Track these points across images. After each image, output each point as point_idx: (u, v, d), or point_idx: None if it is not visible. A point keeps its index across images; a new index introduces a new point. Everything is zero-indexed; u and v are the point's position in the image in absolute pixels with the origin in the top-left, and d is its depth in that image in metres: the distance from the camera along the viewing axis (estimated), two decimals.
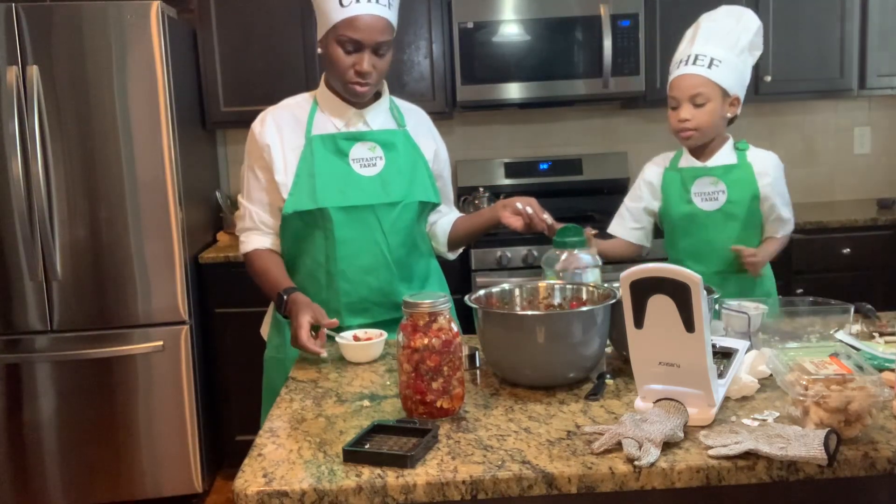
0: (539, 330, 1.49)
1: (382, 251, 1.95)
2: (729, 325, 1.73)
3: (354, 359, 1.77)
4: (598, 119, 4.03)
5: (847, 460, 1.19)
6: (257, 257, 2.00)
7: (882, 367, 1.47)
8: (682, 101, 2.17)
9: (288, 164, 1.94)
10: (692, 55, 2.17)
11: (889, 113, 4.09)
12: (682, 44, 2.26)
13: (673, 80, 2.21)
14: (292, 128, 1.97)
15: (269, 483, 1.18)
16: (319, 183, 1.91)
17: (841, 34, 3.63)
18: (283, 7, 3.51)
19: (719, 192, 2.21)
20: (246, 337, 3.29)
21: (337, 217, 1.91)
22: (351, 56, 1.87)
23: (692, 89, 2.15)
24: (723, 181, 2.21)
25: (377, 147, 1.96)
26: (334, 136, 1.95)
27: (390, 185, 1.95)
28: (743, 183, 2.21)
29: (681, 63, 2.19)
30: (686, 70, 2.17)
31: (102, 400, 3.12)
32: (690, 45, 2.20)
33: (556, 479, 1.17)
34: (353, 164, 1.95)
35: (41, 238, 3.02)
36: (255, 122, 2.00)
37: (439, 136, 2.15)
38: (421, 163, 2.02)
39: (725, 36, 2.17)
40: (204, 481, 3.23)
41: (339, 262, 1.92)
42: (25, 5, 2.95)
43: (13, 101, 2.93)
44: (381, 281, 1.97)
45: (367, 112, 1.98)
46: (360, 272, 1.94)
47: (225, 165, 3.98)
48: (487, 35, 3.48)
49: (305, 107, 2.00)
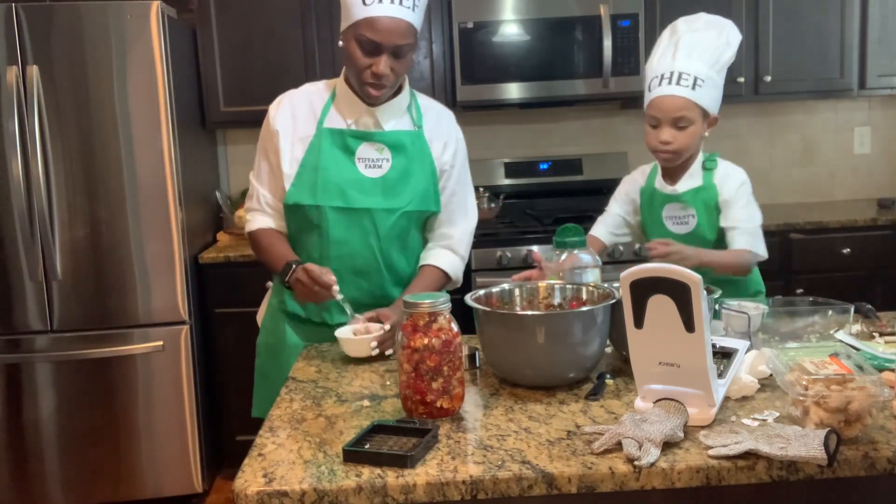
0: (539, 330, 1.49)
1: (375, 255, 1.94)
2: (729, 325, 1.73)
3: (354, 353, 1.77)
4: (597, 119, 4.03)
5: (847, 460, 1.19)
6: (262, 235, 2.00)
7: (882, 367, 1.47)
8: (664, 122, 2.08)
9: (295, 153, 1.92)
10: (675, 73, 2.06)
11: (889, 113, 4.09)
12: (658, 52, 2.14)
13: (655, 99, 2.09)
14: (306, 116, 1.94)
15: (269, 483, 1.18)
16: (321, 179, 1.89)
17: (841, 34, 3.63)
18: (283, 7, 3.51)
19: (689, 216, 2.15)
20: (246, 337, 3.30)
21: (333, 217, 1.90)
22: (369, 56, 1.82)
23: (676, 111, 2.06)
24: (692, 206, 2.15)
25: (385, 148, 1.93)
26: (343, 132, 1.92)
27: (392, 191, 1.92)
28: (709, 205, 2.14)
29: (663, 80, 2.08)
30: (670, 91, 2.06)
31: (102, 400, 3.12)
32: (672, 59, 2.08)
33: (556, 479, 1.17)
34: (359, 164, 1.92)
35: (41, 238, 3.02)
36: (272, 105, 1.98)
37: (460, 139, 2.04)
38: (428, 168, 1.97)
39: (708, 51, 2.07)
40: (204, 481, 3.23)
41: (331, 262, 1.91)
42: (25, 5, 2.95)
43: (13, 101, 2.93)
44: (373, 284, 1.96)
45: (380, 110, 1.93)
46: (352, 273, 1.93)
47: (225, 165, 3.98)
48: (487, 35, 3.48)
49: (324, 96, 1.97)
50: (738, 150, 3.93)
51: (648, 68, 2.17)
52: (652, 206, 2.23)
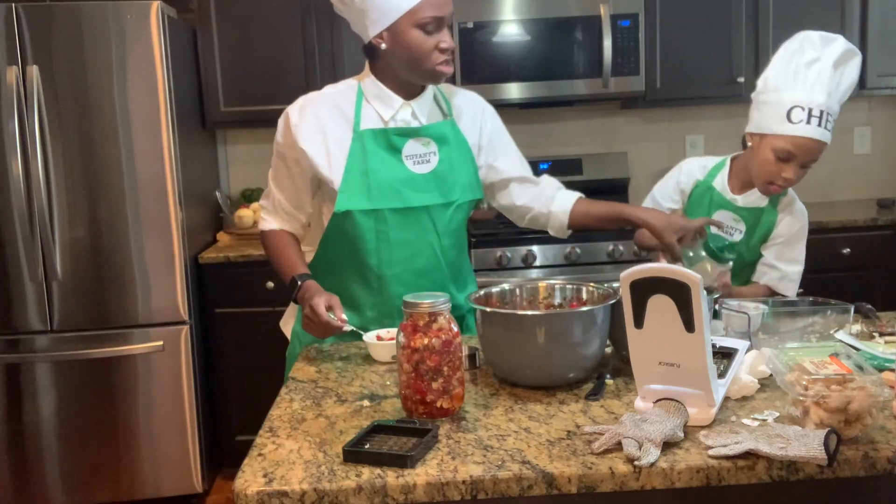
0: (539, 330, 1.49)
1: (436, 253, 1.91)
2: (729, 325, 1.72)
3: (381, 357, 1.76)
4: (598, 119, 4.03)
5: (847, 460, 1.19)
6: (274, 236, 1.96)
7: (882, 367, 1.47)
8: (797, 161, 1.95)
9: (333, 159, 1.85)
10: (825, 113, 1.92)
11: (889, 113, 4.09)
12: (790, 71, 1.96)
13: (799, 138, 1.92)
14: (336, 120, 1.87)
15: (269, 483, 1.18)
16: (374, 182, 1.84)
17: (841, 34, 3.62)
18: (283, 7, 3.51)
19: (737, 230, 2.10)
20: (246, 337, 3.32)
21: (392, 219, 1.85)
22: (433, 36, 1.78)
23: (815, 154, 1.95)
24: (745, 222, 2.09)
25: (431, 142, 1.89)
26: (386, 132, 1.87)
27: (444, 184, 1.89)
28: (762, 230, 2.08)
29: (811, 117, 1.91)
30: (818, 134, 1.92)
31: (102, 400, 3.12)
32: (821, 93, 1.92)
33: (556, 479, 1.17)
34: (407, 161, 1.87)
35: (41, 238, 3.02)
36: (292, 109, 1.89)
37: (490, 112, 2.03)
38: (469, 156, 1.95)
39: (839, 86, 1.96)
40: (204, 481, 3.23)
41: (393, 266, 1.87)
42: (25, 5, 2.95)
43: (13, 101, 2.93)
44: (435, 283, 1.91)
45: (416, 103, 1.89)
46: (414, 275, 1.89)
47: (225, 165, 3.98)
48: (487, 35, 3.48)
49: (350, 96, 1.90)
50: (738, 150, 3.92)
51: (779, 83, 1.97)
52: (701, 205, 2.15)
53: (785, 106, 1.94)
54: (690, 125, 4.04)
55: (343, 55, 3.52)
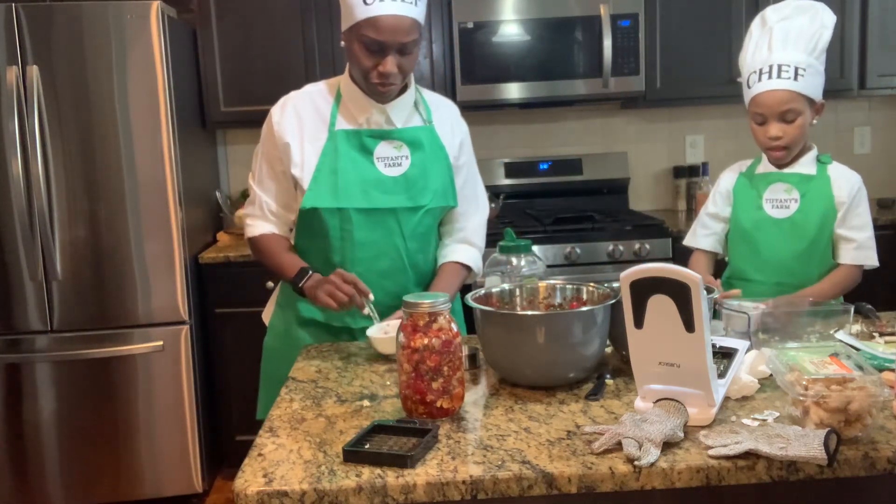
0: (539, 330, 1.49)
1: (401, 255, 1.92)
2: (729, 325, 1.73)
3: (387, 351, 1.76)
4: (598, 119, 4.03)
5: (847, 460, 1.19)
6: (266, 240, 1.97)
7: (882, 367, 1.47)
8: (770, 118, 2.03)
9: (306, 157, 1.87)
10: (774, 66, 2.00)
11: (889, 113, 4.09)
12: (750, 47, 2.09)
13: (757, 95, 2.03)
14: (313, 119, 1.90)
15: (269, 483, 1.18)
16: (342, 181, 1.85)
17: (841, 34, 3.62)
18: (283, 7, 3.51)
19: (792, 200, 2.08)
20: (246, 337, 3.31)
21: (357, 219, 1.87)
22: (374, 56, 1.78)
23: (782, 105, 2.00)
24: (797, 189, 2.08)
25: (403, 146, 1.90)
26: (360, 133, 1.88)
27: (414, 188, 1.90)
28: (818, 195, 2.07)
29: (762, 74, 2.01)
30: (772, 85, 2.00)
31: (102, 400, 3.12)
32: (767, 51, 2.03)
33: (556, 479, 1.17)
34: (378, 163, 1.88)
35: (41, 238, 3.02)
36: (274, 108, 1.93)
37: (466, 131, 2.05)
38: (445, 163, 1.95)
39: (804, 38, 2.02)
40: (204, 481, 3.23)
41: (356, 265, 1.88)
42: (25, 5, 2.95)
43: (13, 101, 2.93)
44: (397, 285, 1.93)
45: (391, 107, 1.89)
46: (377, 276, 1.90)
47: (225, 165, 3.98)
48: (487, 35, 3.48)
49: (328, 97, 1.92)
50: (738, 150, 3.92)
51: (742, 64, 2.11)
52: (750, 189, 2.15)
53: (745, 78, 2.09)
54: (690, 125, 4.04)
55: (343, 55, 3.51)
